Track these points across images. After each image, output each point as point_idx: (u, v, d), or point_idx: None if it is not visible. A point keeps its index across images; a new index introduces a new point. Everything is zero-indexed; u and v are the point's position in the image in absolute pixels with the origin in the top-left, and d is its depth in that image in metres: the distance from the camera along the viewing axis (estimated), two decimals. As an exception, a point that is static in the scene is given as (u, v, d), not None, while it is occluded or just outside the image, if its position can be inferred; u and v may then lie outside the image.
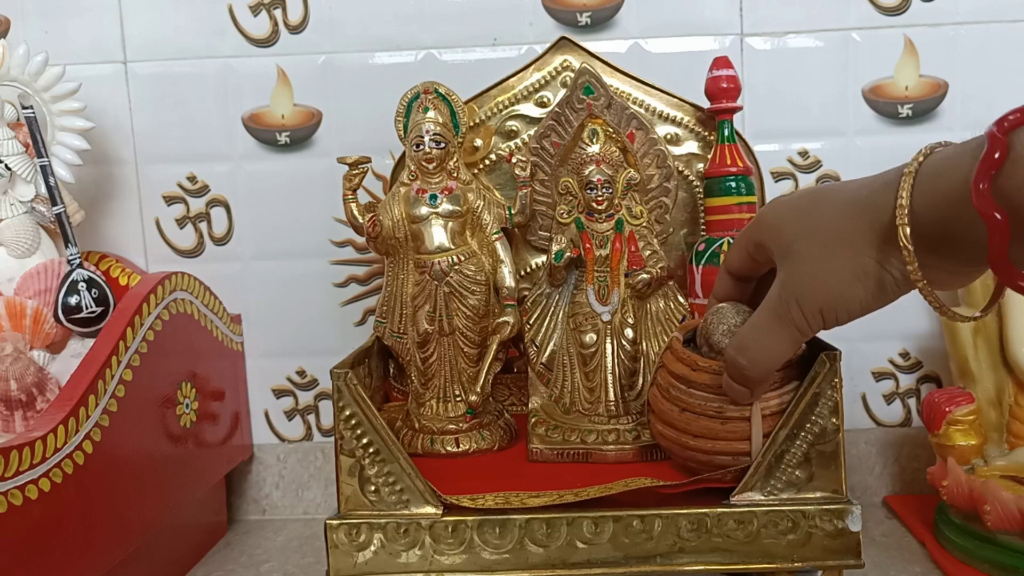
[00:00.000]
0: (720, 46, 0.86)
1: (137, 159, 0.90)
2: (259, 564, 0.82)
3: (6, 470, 0.53)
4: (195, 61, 0.89)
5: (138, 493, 0.69)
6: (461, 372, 0.70)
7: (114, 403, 0.66)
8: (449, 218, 0.69)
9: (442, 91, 0.71)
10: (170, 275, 0.76)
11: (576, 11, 0.86)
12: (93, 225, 0.90)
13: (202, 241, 0.91)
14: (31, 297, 0.76)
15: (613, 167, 0.69)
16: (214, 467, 0.84)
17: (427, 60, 0.87)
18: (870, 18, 0.86)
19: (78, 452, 0.61)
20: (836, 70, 0.86)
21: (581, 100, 0.69)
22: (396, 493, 0.57)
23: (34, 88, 0.78)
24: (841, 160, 0.87)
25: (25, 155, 0.78)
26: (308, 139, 0.89)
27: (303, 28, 0.88)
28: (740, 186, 0.70)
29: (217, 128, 0.89)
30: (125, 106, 0.90)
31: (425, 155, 0.69)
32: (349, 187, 0.71)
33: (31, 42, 0.79)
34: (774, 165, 0.87)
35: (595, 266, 0.68)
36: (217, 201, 0.90)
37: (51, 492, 0.57)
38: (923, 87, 0.86)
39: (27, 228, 0.79)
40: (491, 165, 0.77)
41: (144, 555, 0.71)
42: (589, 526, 0.56)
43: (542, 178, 0.72)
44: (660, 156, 0.70)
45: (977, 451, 0.76)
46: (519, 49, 0.87)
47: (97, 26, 0.89)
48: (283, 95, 0.89)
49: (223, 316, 0.86)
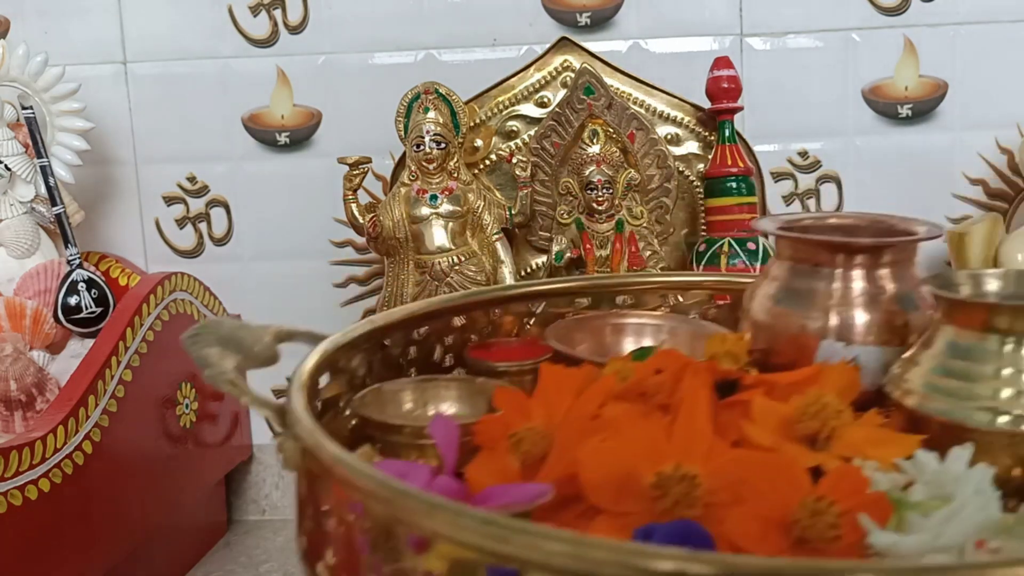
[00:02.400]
0: (720, 46, 0.86)
1: (137, 159, 0.90)
2: (259, 564, 0.82)
3: (6, 470, 0.53)
4: (195, 61, 0.89)
5: (138, 493, 0.69)
6: (461, 372, 0.70)
7: (114, 403, 0.66)
8: (449, 218, 0.69)
9: (442, 91, 0.71)
10: (170, 275, 0.76)
11: (576, 11, 0.86)
12: (93, 225, 0.89)
13: (202, 241, 0.91)
14: (31, 297, 0.76)
15: (613, 167, 0.69)
16: (214, 467, 0.84)
17: (427, 60, 0.87)
18: (870, 18, 0.86)
19: (78, 452, 0.61)
20: (836, 70, 0.86)
21: (581, 100, 0.69)
22: (396, 493, 0.57)
23: (34, 88, 0.78)
24: (841, 160, 0.87)
25: (25, 155, 0.78)
26: (308, 139, 0.89)
27: (303, 28, 0.88)
28: (741, 186, 0.70)
29: (217, 128, 0.89)
30: (125, 106, 0.90)
31: (426, 155, 0.69)
32: (349, 187, 0.71)
33: (31, 42, 0.79)
34: (774, 165, 0.87)
35: (595, 266, 0.68)
36: (217, 201, 0.90)
37: (51, 492, 0.57)
38: (923, 87, 0.86)
39: (27, 228, 0.79)
40: (491, 165, 0.76)
41: (144, 555, 0.71)
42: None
43: (542, 178, 0.72)
44: (660, 156, 0.70)
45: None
46: (519, 49, 0.86)
47: (97, 26, 0.89)
48: (283, 95, 0.89)
49: (223, 316, 0.86)
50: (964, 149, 0.86)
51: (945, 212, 0.87)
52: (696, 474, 0.31)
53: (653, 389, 0.39)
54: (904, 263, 0.44)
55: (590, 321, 0.56)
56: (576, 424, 0.37)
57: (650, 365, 0.40)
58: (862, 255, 0.43)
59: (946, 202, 0.87)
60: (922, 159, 0.87)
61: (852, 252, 0.43)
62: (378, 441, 0.45)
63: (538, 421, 0.38)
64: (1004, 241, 0.81)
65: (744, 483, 0.31)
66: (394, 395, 0.49)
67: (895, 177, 0.87)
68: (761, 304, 0.45)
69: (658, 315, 0.56)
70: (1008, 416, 0.35)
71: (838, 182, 0.88)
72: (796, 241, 0.44)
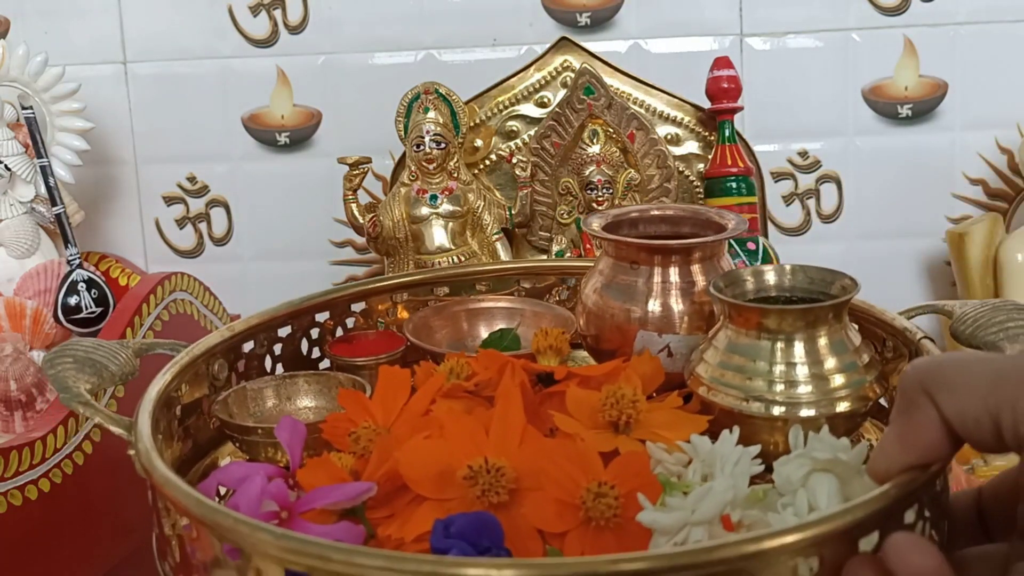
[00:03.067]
0: (720, 46, 0.86)
1: (137, 159, 0.90)
2: (259, 564, 0.82)
3: (6, 470, 0.53)
4: (195, 61, 0.89)
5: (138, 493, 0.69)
6: (461, 372, 0.70)
7: (114, 403, 0.66)
8: (449, 218, 0.69)
9: (442, 91, 0.71)
10: (170, 275, 0.76)
11: (576, 11, 0.86)
12: (93, 225, 0.89)
13: (202, 241, 0.91)
14: (31, 297, 0.76)
15: (613, 167, 0.69)
16: (214, 467, 0.84)
17: (427, 60, 0.87)
18: (870, 18, 0.86)
19: (78, 452, 0.61)
20: (836, 70, 0.86)
21: (581, 100, 0.69)
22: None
23: (34, 88, 0.78)
24: (841, 160, 0.87)
25: (25, 155, 0.78)
26: (308, 139, 0.89)
27: (303, 28, 0.88)
28: (741, 186, 0.70)
29: (217, 128, 0.89)
30: (125, 106, 0.90)
31: (426, 155, 0.69)
32: (349, 187, 0.71)
33: (31, 42, 0.79)
34: (773, 165, 0.87)
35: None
36: (217, 201, 0.90)
37: (51, 492, 0.57)
38: (923, 87, 0.86)
39: (27, 228, 0.78)
40: (491, 165, 0.77)
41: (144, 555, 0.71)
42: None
43: (542, 178, 0.72)
44: (660, 156, 0.70)
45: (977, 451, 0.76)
46: (519, 49, 0.86)
47: (97, 26, 0.89)
48: (283, 95, 0.89)
49: (223, 316, 0.86)
50: (964, 149, 0.87)
51: (945, 212, 0.87)
52: (502, 465, 0.35)
53: (480, 386, 0.44)
54: (714, 258, 0.48)
55: (449, 307, 0.59)
56: (408, 421, 0.42)
57: (477, 363, 0.45)
58: (675, 254, 0.47)
59: (946, 202, 0.87)
60: (922, 159, 0.87)
61: (665, 252, 0.47)
62: (237, 440, 0.49)
63: (377, 419, 0.42)
64: (1004, 241, 0.81)
65: (543, 471, 0.35)
66: (257, 393, 0.52)
67: (895, 177, 0.87)
68: (589, 295, 0.50)
69: (512, 299, 0.60)
70: (781, 407, 0.41)
71: (838, 182, 0.88)
72: (616, 242, 0.49)
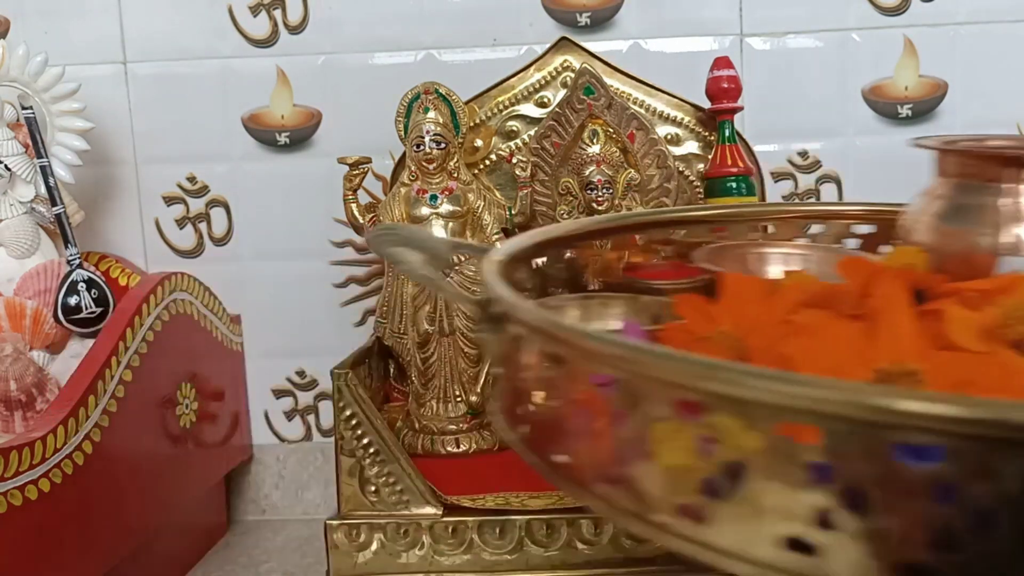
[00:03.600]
0: (720, 46, 0.86)
1: (137, 160, 0.90)
2: (258, 564, 0.82)
3: (6, 470, 0.53)
4: (195, 61, 0.89)
5: (138, 493, 0.69)
6: (461, 372, 0.70)
7: (114, 403, 0.66)
8: (449, 218, 0.69)
9: (442, 91, 0.71)
10: (170, 275, 0.76)
11: (576, 11, 0.86)
12: (93, 225, 0.89)
13: (202, 241, 0.91)
14: (31, 297, 0.76)
15: (613, 167, 0.69)
16: (214, 467, 0.84)
17: (427, 60, 0.87)
18: (870, 18, 0.86)
19: (78, 452, 0.61)
20: (836, 70, 0.86)
21: (581, 100, 0.69)
22: (396, 493, 0.57)
23: (34, 88, 0.78)
24: (841, 160, 0.87)
25: (25, 155, 0.78)
26: (308, 139, 0.89)
27: (303, 28, 0.88)
28: (741, 186, 0.70)
29: (217, 128, 0.89)
30: (125, 106, 0.90)
31: (425, 155, 0.69)
32: (349, 187, 0.71)
33: (31, 42, 0.79)
34: (773, 165, 0.87)
35: (595, 266, 0.68)
36: (217, 201, 0.90)
37: (51, 492, 0.57)
38: (923, 87, 0.86)
39: (27, 228, 0.79)
40: (491, 165, 0.77)
41: (144, 555, 0.71)
42: (589, 527, 0.56)
43: (542, 178, 0.72)
44: (660, 156, 0.70)
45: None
46: (519, 49, 0.86)
47: (97, 26, 0.89)
48: (283, 95, 0.89)
49: (223, 316, 0.86)
50: (964, 149, 0.86)
51: (945, 212, 0.87)
52: (918, 370, 0.29)
53: (841, 298, 0.37)
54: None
55: (730, 250, 0.52)
56: (769, 329, 0.35)
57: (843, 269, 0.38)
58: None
59: (946, 202, 0.87)
60: (923, 159, 0.87)
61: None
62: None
63: (726, 327, 0.36)
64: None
65: (969, 383, 0.29)
66: (558, 311, 0.47)
67: (895, 177, 0.87)
68: (927, 225, 0.42)
69: (800, 244, 0.53)
70: None
71: (838, 182, 0.88)
72: (964, 156, 0.42)
